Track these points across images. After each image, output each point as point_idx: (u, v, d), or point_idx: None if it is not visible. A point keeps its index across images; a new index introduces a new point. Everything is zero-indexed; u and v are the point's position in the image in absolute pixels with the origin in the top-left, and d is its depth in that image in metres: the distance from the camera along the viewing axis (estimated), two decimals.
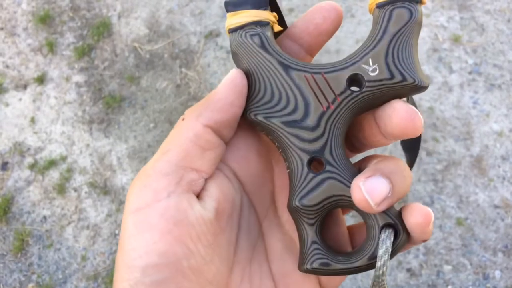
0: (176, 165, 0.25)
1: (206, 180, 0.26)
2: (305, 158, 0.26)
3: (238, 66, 0.28)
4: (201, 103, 0.26)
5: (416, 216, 0.25)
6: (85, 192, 1.77)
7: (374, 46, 0.26)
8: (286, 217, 0.30)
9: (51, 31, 2.03)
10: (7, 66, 2.01)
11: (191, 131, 0.25)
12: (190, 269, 0.23)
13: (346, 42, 1.79)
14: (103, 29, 1.97)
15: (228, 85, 0.26)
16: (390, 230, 0.25)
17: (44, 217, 1.77)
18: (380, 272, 0.25)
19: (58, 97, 1.92)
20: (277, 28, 0.28)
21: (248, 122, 0.28)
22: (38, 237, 1.75)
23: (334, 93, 0.26)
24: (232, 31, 0.27)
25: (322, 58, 1.76)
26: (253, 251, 0.28)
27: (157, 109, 1.82)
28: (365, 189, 0.24)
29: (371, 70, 0.26)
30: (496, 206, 1.53)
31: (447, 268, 1.49)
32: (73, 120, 1.87)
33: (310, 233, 0.27)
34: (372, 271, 0.26)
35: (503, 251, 1.49)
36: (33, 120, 1.90)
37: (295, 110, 0.26)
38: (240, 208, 0.28)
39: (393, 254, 0.25)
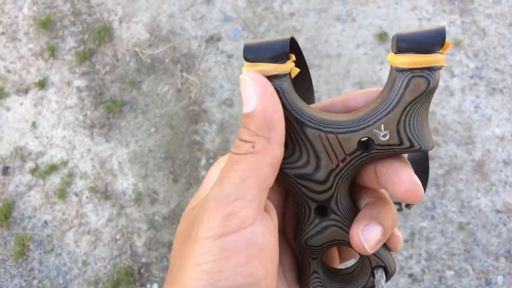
0: (259, 190, 0.26)
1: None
2: (313, 206, 0.29)
3: None
4: (254, 124, 0.26)
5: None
6: (86, 197, 1.77)
7: (388, 113, 0.27)
8: (292, 236, 0.33)
9: (52, 36, 2.03)
10: (9, 71, 2.01)
11: (268, 155, 0.26)
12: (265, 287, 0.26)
13: (347, 46, 1.79)
14: (104, 33, 1.97)
15: (267, 97, 0.26)
16: (381, 270, 0.30)
17: (45, 222, 1.77)
18: None
19: (59, 101, 1.92)
20: (295, 71, 0.29)
21: None
22: (39, 242, 1.75)
23: (344, 152, 0.28)
24: None
25: (323, 62, 1.76)
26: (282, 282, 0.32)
27: (158, 114, 1.82)
28: (363, 238, 0.27)
29: (382, 135, 0.27)
30: (498, 211, 1.53)
31: (449, 273, 1.49)
32: (74, 124, 1.87)
33: (312, 265, 0.31)
34: None
35: (506, 256, 1.48)
36: (34, 125, 1.90)
37: (307, 164, 0.28)
38: None
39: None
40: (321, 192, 0.29)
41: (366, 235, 0.27)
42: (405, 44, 0.26)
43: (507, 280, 1.46)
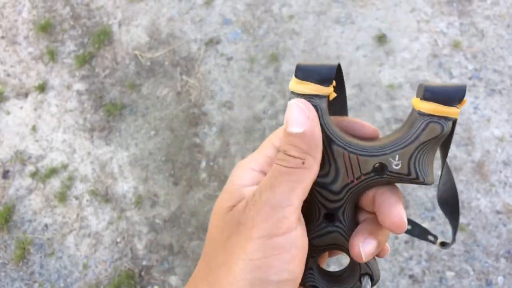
0: (301, 200, 0.31)
1: None
2: (323, 211, 0.34)
3: None
4: (304, 143, 0.31)
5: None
6: (87, 200, 1.77)
7: (404, 147, 0.32)
8: None
9: (52, 40, 2.04)
10: (8, 75, 2.01)
11: (313, 172, 0.31)
12: (298, 283, 0.31)
13: (346, 48, 1.79)
14: (104, 37, 1.98)
15: (315, 122, 0.31)
16: (368, 277, 0.34)
17: (46, 226, 1.77)
18: None
19: (59, 105, 1.92)
20: (333, 96, 0.34)
21: None
22: (39, 245, 1.75)
23: (360, 172, 0.33)
24: (294, 93, 0.33)
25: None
26: None
27: (158, 117, 1.82)
28: (362, 249, 0.32)
29: (395, 164, 0.32)
30: (498, 212, 1.53)
31: (450, 274, 1.49)
32: (74, 128, 1.87)
33: (310, 263, 0.35)
34: None
35: (506, 257, 1.48)
36: (34, 128, 1.90)
37: (327, 175, 0.33)
38: None
39: None
40: (333, 201, 0.33)
41: (365, 247, 0.32)
42: (431, 94, 0.31)
43: (508, 280, 1.46)
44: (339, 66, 0.34)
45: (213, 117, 1.78)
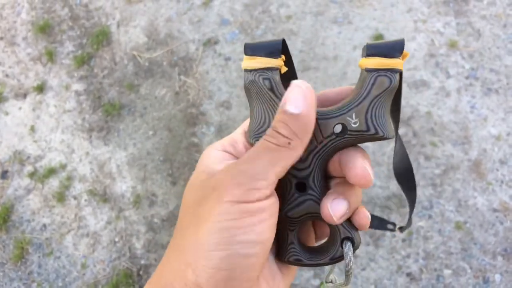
0: (277, 177, 0.31)
1: None
2: (294, 181, 0.34)
3: (249, 99, 0.36)
4: (296, 125, 0.31)
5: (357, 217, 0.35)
6: (85, 200, 1.77)
7: (358, 104, 0.33)
8: None
9: (51, 40, 2.04)
10: (7, 75, 2.02)
11: (297, 154, 0.31)
12: (268, 248, 0.32)
13: (344, 48, 1.80)
14: (102, 37, 1.99)
15: (313, 107, 0.31)
16: (349, 243, 0.34)
17: (44, 225, 1.77)
18: (349, 273, 0.34)
19: (57, 105, 1.92)
20: (284, 69, 0.35)
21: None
22: (38, 245, 1.75)
23: (322, 135, 0.33)
24: (247, 71, 0.35)
25: (320, 64, 1.78)
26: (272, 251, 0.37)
27: (156, 117, 1.83)
28: (331, 209, 0.33)
29: (353, 122, 0.33)
30: (495, 210, 1.54)
31: (447, 272, 1.49)
32: (73, 128, 1.88)
33: (290, 236, 0.35)
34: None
35: (503, 255, 1.49)
36: (33, 129, 1.90)
37: None
38: None
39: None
40: (302, 169, 0.34)
41: (334, 208, 0.33)
42: (373, 50, 0.33)
43: (505, 278, 1.47)
44: (284, 42, 0.35)
45: (211, 117, 1.79)
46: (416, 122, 1.66)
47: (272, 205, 0.31)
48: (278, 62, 0.34)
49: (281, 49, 0.34)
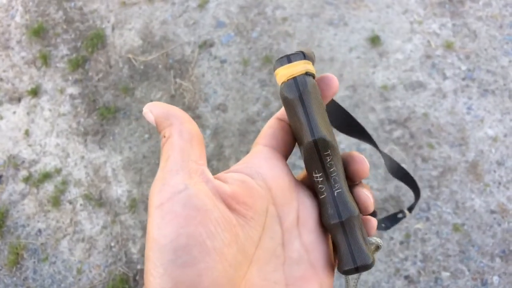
0: (182, 161, 0.30)
1: (227, 177, 0.32)
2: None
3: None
4: (160, 121, 0.32)
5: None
6: (80, 205, 1.76)
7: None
8: (306, 234, 0.35)
9: (45, 44, 2.03)
10: (1, 79, 2.00)
11: (175, 139, 0.31)
12: (214, 249, 0.27)
13: (340, 50, 1.80)
14: (97, 40, 1.97)
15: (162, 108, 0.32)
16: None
17: (39, 230, 1.75)
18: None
19: (52, 109, 1.91)
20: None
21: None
22: (33, 250, 1.74)
23: None
24: (286, 83, 0.33)
25: (316, 66, 1.77)
26: (272, 256, 0.33)
27: None
28: (368, 193, 0.36)
29: None
30: (492, 211, 1.53)
31: (445, 274, 1.49)
32: (68, 132, 1.87)
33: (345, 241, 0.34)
34: None
35: (501, 257, 1.48)
36: (27, 133, 1.89)
37: None
38: (267, 215, 0.33)
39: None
40: None
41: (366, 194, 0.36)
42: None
43: (503, 280, 1.46)
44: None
45: (207, 120, 1.78)
46: (412, 123, 1.65)
47: (197, 193, 0.29)
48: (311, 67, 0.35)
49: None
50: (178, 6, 1.97)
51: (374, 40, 1.79)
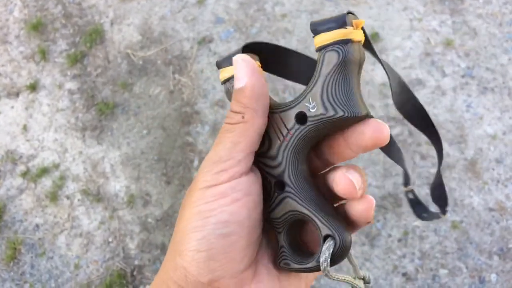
0: (247, 153, 0.31)
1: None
2: (272, 180, 0.33)
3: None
4: (244, 97, 0.31)
5: (361, 204, 0.32)
6: (78, 200, 1.75)
7: (313, 87, 0.31)
8: None
9: (44, 39, 2.02)
10: None
11: (256, 124, 0.31)
12: (248, 228, 0.31)
13: None
14: (96, 36, 1.97)
15: (255, 76, 0.31)
16: (331, 242, 0.30)
17: (37, 225, 1.75)
18: (325, 273, 0.30)
19: (50, 104, 1.91)
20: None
21: None
22: (30, 245, 1.73)
23: (286, 128, 0.32)
24: (224, 82, 0.34)
25: None
26: (268, 255, 0.35)
27: (150, 116, 1.81)
28: (350, 176, 0.30)
29: (311, 107, 0.31)
30: (491, 209, 1.53)
31: (443, 272, 1.49)
32: (66, 127, 1.86)
33: (280, 239, 0.33)
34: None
35: (499, 254, 1.48)
36: (25, 128, 1.88)
37: (263, 143, 0.33)
38: None
39: (334, 261, 0.30)
40: (274, 167, 0.33)
41: (352, 175, 0.31)
42: (315, 27, 0.31)
43: (501, 278, 1.46)
44: (245, 47, 0.35)
45: (205, 116, 1.77)
46: None
47: (247, 182, 0.31)
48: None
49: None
50: (177, 2, 1.97)
51: (374, 37, 1.78)
